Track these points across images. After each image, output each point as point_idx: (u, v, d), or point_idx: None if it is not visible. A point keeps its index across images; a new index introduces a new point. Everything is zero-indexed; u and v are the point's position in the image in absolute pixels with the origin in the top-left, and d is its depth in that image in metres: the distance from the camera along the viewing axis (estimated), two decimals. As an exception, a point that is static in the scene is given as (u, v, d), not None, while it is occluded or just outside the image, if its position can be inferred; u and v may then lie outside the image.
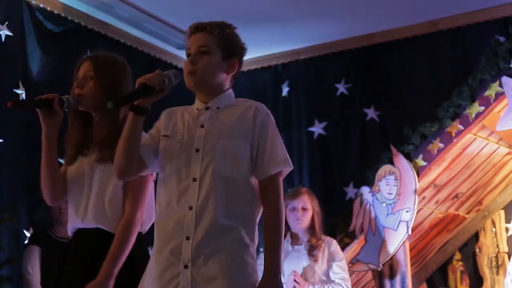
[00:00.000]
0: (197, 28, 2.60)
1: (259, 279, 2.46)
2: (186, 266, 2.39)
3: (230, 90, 2.65)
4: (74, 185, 2.94)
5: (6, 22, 4.96)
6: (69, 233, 2.97)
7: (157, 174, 2.70)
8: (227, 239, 2.42)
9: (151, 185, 2.87)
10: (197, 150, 2.49)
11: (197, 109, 2.60)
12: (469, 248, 5.91)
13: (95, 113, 2.95)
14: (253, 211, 2.52)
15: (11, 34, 4.97)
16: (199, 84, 2.56)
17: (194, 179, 2.46)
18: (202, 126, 2.54)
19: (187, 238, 2.41)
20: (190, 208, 2.44)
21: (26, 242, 4.72)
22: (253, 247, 2.49)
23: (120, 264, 2.78)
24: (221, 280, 2.37)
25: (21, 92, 4.95)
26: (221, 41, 2.57)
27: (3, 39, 4.93)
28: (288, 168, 2.55)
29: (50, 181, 2.93)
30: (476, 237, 5.86)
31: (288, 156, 2.56)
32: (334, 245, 4.65)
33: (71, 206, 2.95)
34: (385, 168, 5.20)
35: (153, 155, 2.57)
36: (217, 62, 2.56)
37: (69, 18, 5.51)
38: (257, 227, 2.53)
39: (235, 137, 2.51)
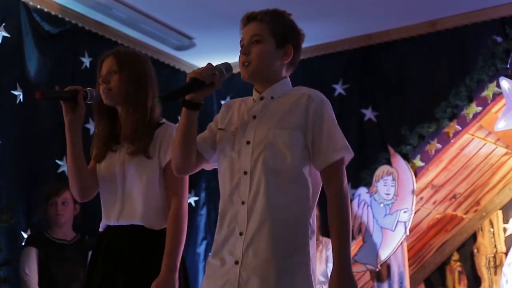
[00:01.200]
0: (249, 18, 2.55)
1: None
2: (236, 262, 2.36)
3: (287, 79, 2.57)
4: (107, 182, 2.93)
5: (3, 23, 4.96)
6: (101, 229, 2.94)
7: None
8: (277, 233, 2.35)
9: None
10: (248, 142, 2.44)
11: (253, 99, 2.54)
12: (467, 249, 5.91)
13: (121, 107, 2.93)
14: (306, 202, 2.42)
15: (8, 35, 4.97)
16: (253, 74, 2.49)
17: (245, 173, 2.41)
18: (254, 117, 2.48)
19: (240, 233, 2.38)
20: (243, 203, 2.39)
21: (23, 243, 4.71)
22: (304, 239, 2.39)
23: (179, 256, 2.78)
24: (269, 275, 2.32)
25: (18, 93, 4.95)
26: (273, 29, 2.50)
27: (0, 40, 4.92)
28: (349, 155, 2.45)
29: (77, 175, 2.90)
30: (474, 237, 5.86)
31: (347, 143, 2.46)
32: (332, 246, 4.64)
33: (104, 203, 2.93)
34: (383, 168, 5.20)
35: (211, 149, 2.53)
36: (271, 50, 2.49)
37: (66, 19, 5.51)
38: (313, 218, 2.44)
39: (286, 127, 2.42)
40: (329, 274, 4.50)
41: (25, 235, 4.83)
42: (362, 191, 5.26)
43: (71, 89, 2.82)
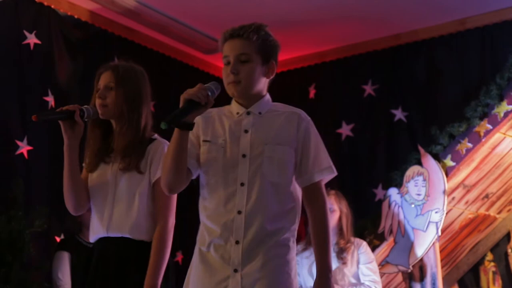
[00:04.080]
0: (233, 34, 2.58)
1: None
2: (235, 270, 2.43)
3: (268, 95, 2.66)
4: (97, 194, 2.97)
5: (35, 31, 5.03)
6: (92, 240, 3.00)
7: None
8: (274, 242, 2.47)
9: None
10: (243, 156, 2.51)
11: (237, 113, 2.60)
12: (501, 249, 5.85)
13: (116, 122, 2.99)
14: (296, 216, 2.56)
15: (39, 42, 5.03)
16: (243, 92, 2.58)
17: (242, 184, 2.49)
18: (246, 131, 2.55)
19: (237, 242, 2.45)
20: (239, 212, 2.47)
21: (56, 248, 4.76)
22: (294, 249, 2.55)
23: (162, 273, 2.83)
24: (268, 281, 2.42)
25: (49, 100, 5.01)
26: (259, 46, 2.57)
27: (31, 48, 4.98)
28: (331, 175, 2.61)
29: (73, 192, 2.96)
30: (508, 237, 5.80)
31: (331, 163, 2.60)
32: (364, 247, 4.62)
33: (95, 214, 2.98)
34: (413, 169, 5.17)
35: (197, 163, 2.58)
36: (258, 69, 2.58)
37: (96, 25, 5.57)
38: (297, 226, 2.58)
39: (281, 143, 2.54)
40: (360, 275, 4.52)
41: (58, 240, 4.88)
42: (393, 191, 5.24)
43: (68, 108, 2.88)
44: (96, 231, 2.96)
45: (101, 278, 2.88)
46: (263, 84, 2.62)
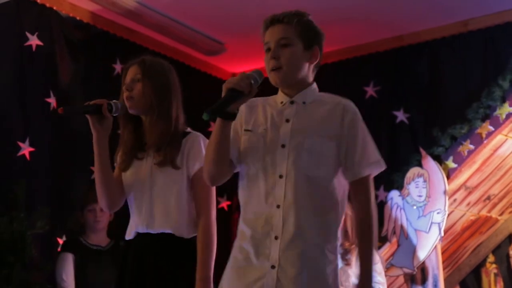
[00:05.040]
0: (273, 20, 2.53)
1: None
2: (273, 267, 2.37)
3: (315, 84, 2.58)
4: (134, 191, 2.95)
5: (37, 32, 5.02)
6: (129, 237, 2.97)
7: None
8: (311, 239, 2.39)
9: None
10: (283, 146, 2.43)
11: (281, 102, 2.53)
12: (503, 250, 5.85)
13: (145, 115, 2.96)
14: (336, 212, 2.47)
15: (41, 43, 5.03)
16: (285, 79, 2.49)
17: (281, 176, 2.41)
18: (287, 121, 2.47)
19: (276, 237, 2.38)
20: (278, 206, 2.40)
21: (59, 249, 4.76)
22: (333, 247, 2.46)
23: (212, 266, 2.82)
24: (305, 280, 2.35)
25: (51, 101, 5.01)
26: (301, 31, 2.50)
27: (33, 49, 4.99)
28: (380, 169, 2.52)
29: (105, 187, 2.93)
30: (509, 239, 5.81)
31: (380, 156, 2.52)
32: (369, 249, 4.63)
33: (132, 212, 2.95)
34: (414, 170, 5.18)
35: (239, 153, 2.52)
36: (300, 53, 2.49)
37: (98, 26, 5.57)
38: (339, 227, 2.50)
39: (322, 136, 2.45)
40: (374, 278, 4.52)
41: (60, 241, 4.88)
42: (395, 194, 5.24)
43: (95, 102, 2.85)
44: (134, 227, 2.94)
45: (140, 273, 2.86)
46: (306, 70, 2.52)
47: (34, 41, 4.99)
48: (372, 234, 2.45)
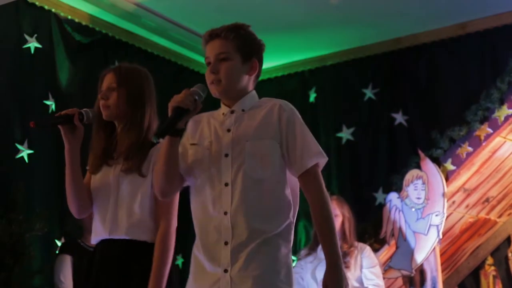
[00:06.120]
0: (211, 35, 2.60)
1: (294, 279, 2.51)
2: (225, 270, 2.42)
3: (253, 92, 2.65)
4: (99, 196, 2.97)
5: (35, 35, 5.03)
6: (94, 242, 2.99)
7: None
8: (262, 241, 2.44)
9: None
10: (226, 155, 2.51)
11: (223, 113, 2.61)
12: (502, 253, 5.84)
13: (118, 123, 2.98)
14: (288, 210, 2.53)
15: (40, 46, 5.04)
16: (224, 91, 2.57)
17: (226, 184, 2.48)
18: (228, 131, 2.55)
19: (226, 243, 2.44)
20: (225, 213, 2.46)
21: (57, 251, 4.76)
22: (287, 247, 2.50)
23: (166, 276, 2.82)
24: (259, 281, 2.40)
25: (50, 103, 5.01)
26: (238, 44, 2.57)
27: (32, 51, 4.99)
28: (323, 159, 2.56)
29: (76, 195, 2.94)
30: (508, 241, 5.80)
31: (321, 148, 2.56)
32: (368, 251, 4.63)
33: (97, 217, 2.97)
34: (412, 172, 5.18)
35: (186, 167, 2.58)
36: (238, 67, 2.57)
37: (97, 29, 5.57)
38: (293, 226, 2.54)
39: (262, 137, 2.51)
40: (364, 280, 4.52)
41: (58, 243, 4.88)
42: (393, 196, 5.25)
43: (66, 113, 2.86)
44: (98, 233, 2.95)
45: (105, 280, 2.87)
46: (245, 82, 2.60)
47: (32, 43, 5.00)
48: (332, 224, 2.49)
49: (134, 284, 2.82)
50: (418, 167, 5.18)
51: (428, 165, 5.12)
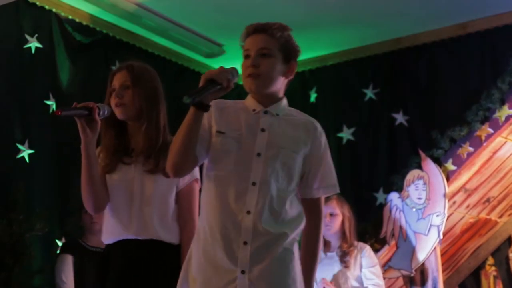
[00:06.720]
0: (256, 29, 2.54)
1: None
2: (243, 272, 2.38)
3: (285, 99, 2.61)
4: (119, 195, 2.91)
5: (36, 34, 5.03)
6: (110, 242, 2.94)
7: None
8: (280, 247, 2.44)
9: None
10: (258, 155, 2.46)
11: (254, 110, 2.54)
12: (502, 253, 5.84)
13: (133, 122, 2.94)
14: (302, 221, 2.54)
15: (40, 46, 5.04)
16: (261, 87, 2.51)
17: (254, 183, 2.43)
18: (263, 130, 2.50)
19: (245, 243, 2.40)
20: (248, 212, 2.41)
21: (58, 251, 4.76)
22: (298, 253, 2.53)
23: None
24: (276, 285, 2.41)
25: (51, 103, 5.01)
26: (282, 44, 2.53)
27: (33, 51, 4.99)
28: (334, 192, 2.62)
29: (93, 190, 2.87)
30: (509, 241, 5.79)
31: (336, 180, 2.59)
32: (368, 251, 4.62)
33: (116, 216, 2.91)
34: (413, 173, 5.17)
35: (205, 151, 2.51)
36: (278, 66, 2.51)
37: (97, 29, 5.57)
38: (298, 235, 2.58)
39: (294, 151, 2.50)
40: (363, 279, 4.51)
41: (59, 243, 4.88)
42: (394, 196, 5.24)
43: (85, 105, 2.80)
44: (116, 233, 2.90)
45: (131, 281, 2.83)
46: (281, 83, 2.55)
47: (33, 43, 5.00)
48: (318, 251, 2.59)
49: (163, 286, 2.78)
50: (419, 167, 5.17)
51: (429, 165, 5.11)
